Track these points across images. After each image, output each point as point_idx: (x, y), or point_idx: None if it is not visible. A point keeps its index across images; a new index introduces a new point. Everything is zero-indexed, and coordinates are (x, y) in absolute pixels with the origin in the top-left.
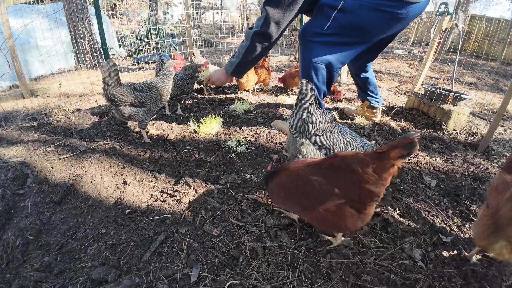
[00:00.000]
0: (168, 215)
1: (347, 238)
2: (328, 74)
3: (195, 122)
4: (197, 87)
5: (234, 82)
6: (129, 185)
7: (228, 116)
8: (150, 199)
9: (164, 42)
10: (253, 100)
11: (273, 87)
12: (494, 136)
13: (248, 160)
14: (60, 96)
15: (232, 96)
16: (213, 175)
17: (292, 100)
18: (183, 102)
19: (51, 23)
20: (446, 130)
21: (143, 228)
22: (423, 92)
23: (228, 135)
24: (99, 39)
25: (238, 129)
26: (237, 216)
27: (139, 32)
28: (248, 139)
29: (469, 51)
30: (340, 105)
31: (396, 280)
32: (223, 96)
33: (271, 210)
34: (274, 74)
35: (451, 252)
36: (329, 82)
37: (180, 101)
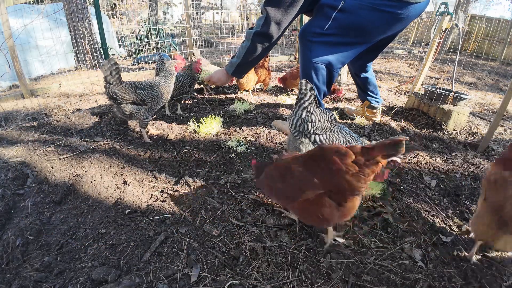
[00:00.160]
0: (168, 215)
1: (347, 239)
2: (328, 74)
3: (195, 122)
4: (197, 87)
5: (234, 82)
6: (129, 185)
7: (228, 116)
8: (150, 199)
9: (164, 42)
10: (253, 100)
11: (273, 87)
12: (494, 136)
13: (248, 160)
14: (60, 96)
15: (232, 96)
16: (213, 175)
17: (292, 100)
18: (183, 102)
19: (51, 23)
20: (446, 130)
21: (143, 228)
22: (423, 92)
23: (228, 135)
24: (99, 39)
25: (238, 129)
26: (237, 216)
27: (139, 32)
28: (248, 139)
29: (469, 51)
30: (340, 105)
31: (396, 280)
32: (223, 96)
33: (271, 210)
34: (274, 74)
35: (451, 252)
36: (329, 82)
37: (180, 101)
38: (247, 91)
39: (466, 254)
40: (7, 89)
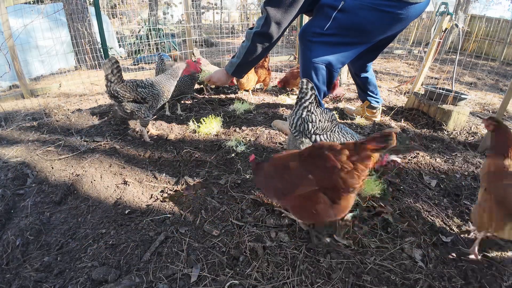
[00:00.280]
0: (168, 215)
1: (347, 239)
2: (328, 74)
3: (195, 122)
4: (197, 87)
5: (235, 82)
6: (129, 185)
7: (228, 116)
8: (150, 199)
9: (164, 42)
10: (253, 100)
11: (273, 87)
12: None
13: (248, 160)
14: (60, 96)
15: (232, 96)
16: (213, 175)
17: (292, 100)
18: (183, 102)
19: (51, 23)
20: (446, 130)
21: (143, 228)
22: (423, 92)
23: (228, 135)
24: (99, 39)
25: (238, 129)
26: (237, 216)
27: (139, 32)
28: (248, 139)
29: (469, 51)
30: (340, 105)
31: (396, 280)
32: (223, 96)
33: (271, 210)
34: (274, 74)
35: (451, 252)
36: (329, 82)
37: (180, 101)
38: (247, 91)
39: (468, 250)
40: (7, 89)
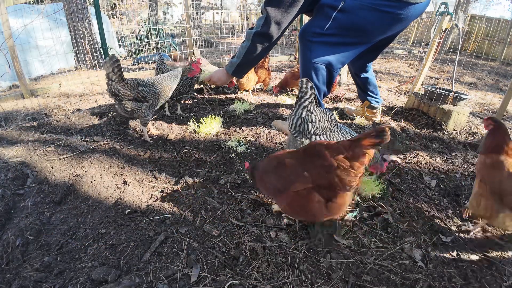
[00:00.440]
0: (168, 215)
1: (347, 239)
2: (328, 74)
3: (195, 122)
4: (197, 87)
5: (235, 82)
6: (129, 185)
7: (228, 116)
8: (150, 199)
9: (164, 42)
10: (253, 100)
11: (273, 87)
12: None
13: (248, 160)
14: (60, 96)
15: (232, 96)
16: (213, 175)
17: (292, 100)
18: (183, 102)
19: (51, 23)
20: (446, 130)
21: (143, 228)
22: (423, 92)
23: (228, 135)
24: (99, 39)
25: (238, 129)
26: (237, 216)
27: (139, 32)
28: (248, 139)
29: (469, 51)
30: (340, 105)
31: (396, 280)
32: (223, 96)
33: (271, 210)
34: (274, 74)
35: (451, 253)
36: (329, 82)
37: (180, 101)
38: (247, 91)
39: (469, 228)
40: (7, 89)
